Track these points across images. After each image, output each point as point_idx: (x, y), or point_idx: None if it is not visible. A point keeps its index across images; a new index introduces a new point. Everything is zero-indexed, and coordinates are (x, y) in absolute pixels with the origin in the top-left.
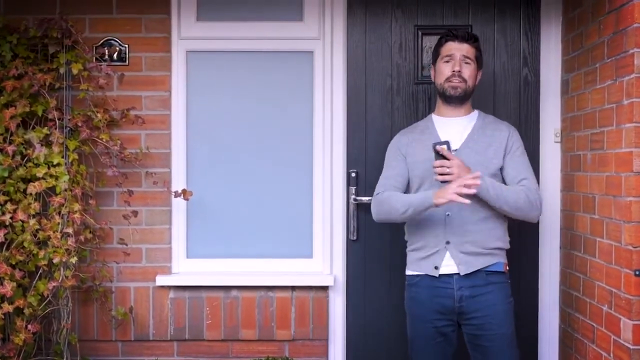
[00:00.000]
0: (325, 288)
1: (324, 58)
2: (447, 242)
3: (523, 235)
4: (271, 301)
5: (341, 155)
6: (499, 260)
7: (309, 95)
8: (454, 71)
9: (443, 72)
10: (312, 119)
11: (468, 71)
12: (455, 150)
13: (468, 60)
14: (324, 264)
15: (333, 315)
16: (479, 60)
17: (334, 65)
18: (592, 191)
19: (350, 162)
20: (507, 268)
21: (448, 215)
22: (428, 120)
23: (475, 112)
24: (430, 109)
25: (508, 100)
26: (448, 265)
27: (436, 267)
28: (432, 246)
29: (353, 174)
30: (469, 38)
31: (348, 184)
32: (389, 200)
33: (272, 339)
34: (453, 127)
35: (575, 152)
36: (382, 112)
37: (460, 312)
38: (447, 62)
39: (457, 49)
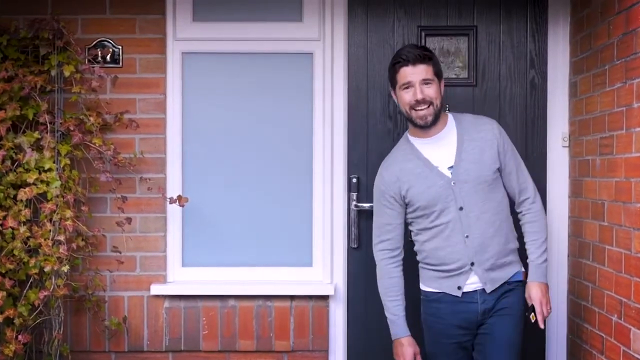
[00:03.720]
0: (325, 297)
1: (324, 60)
2: (472, 264)
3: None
4: (269, 311)
5: (342, 160)
6: (518, 270)
7: (309, 98)
8: (417, 100)
9: (405, 100)
10: (312, 122)
11: (432, 92)
12: (451, 167)
13: (428, 81)
14: (324, 272)
15: (333, 326)
16: (439, 74)
17: (335, 67)
18: (601, 197)
19: (352, 168)
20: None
21: (467, 237)
22: (407, 144)
23: (451, 118)
24: None
25: (514, 103)
26: (472, 284)
27: (459, 287)
28: (454, 268)
29: (354, 180)
30: (423, 58)
31: (349, 190)
32: (381, 281)
33: (270, 350)
34: (437, 146)
35: (584, 156)
36: (384, 116)
37: (481, 324)
38: (407, 89)
39: (413, 74)
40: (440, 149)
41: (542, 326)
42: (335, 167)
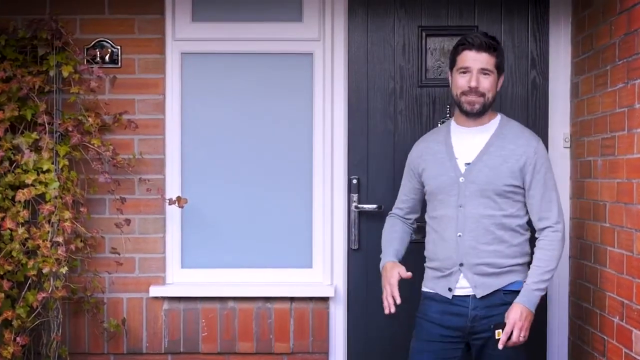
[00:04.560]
0: (325, 299)
1: (324, 60)
2: (461, 264)
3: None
4: (269, 313)
5: (342, 161)
6: (518, 279)
7: (309, 99)
8: (470, 87)
9: (458, 84)
10: (311, 123)
11: (487, 83)
12: (469, 164)
13: (487, 72)
14: (324, 274)
15: (334, 328)
16: (500, 67)
17: (335, 67)
18: (602, 198)
19: (352, 168)
20: None
21: (460, 236)
22: (447, 127)
23: (497, 118)
24: (434, 113)
25: (515, 104)
26: (463, 288)
27: (450, 289)
28: (446, 267)
29: (354, 181)
30: (488, 47)
31: (349, 191)
32: (384, 231)
33: (270, 352)
34: (470, 138)
35: (586, 157)
36: (384, 116)
37: (471, 331)
38: (464, 73)
39: (475, 60)
40: (469, 143)
41: (500, 347)
42: (335, 168)
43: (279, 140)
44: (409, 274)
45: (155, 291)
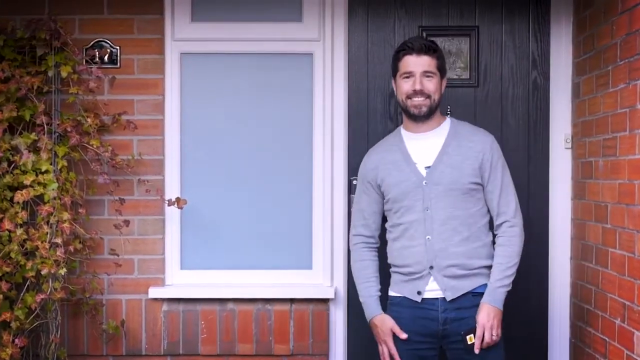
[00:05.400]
0: (325, 301)
1: (324, 60)
2: (431, 267)
3: (531, 245)
4: (269, 314)
5: (342, 161)
6: (486, 282)
7: (309, 99)
8: (414, 90)
9: (403, 89)
10: (311, 124)
11: (431, 85)
12: (429, 167)
13: (429, 74)
14: (324, 275)
15: (334, 330)
16: (442, 69)
17: (335, 67)
18: (604, 199)
19: (352, 169)
20: None
21: (429, 239)
22: (397, 135)
23: (447, 122)
24: None
25: (516, 104)
26: (432, 290)
27: (419, 292)
28: (414, 271)
29: (355, 182)
30: (428, 49)
31: (349, 192)
32: (354, 265)
33: (270, 354)
34: (424, 142)
35: (587, 158)
36: (384, 117)
37: (444, 335)
38: (407, 78)
39: (416, 64)
40: (425, 147)
41: (476, 351)
42: (335, 169)
43: (279, 140)
44: (405, 335)
45: (154, 292)
